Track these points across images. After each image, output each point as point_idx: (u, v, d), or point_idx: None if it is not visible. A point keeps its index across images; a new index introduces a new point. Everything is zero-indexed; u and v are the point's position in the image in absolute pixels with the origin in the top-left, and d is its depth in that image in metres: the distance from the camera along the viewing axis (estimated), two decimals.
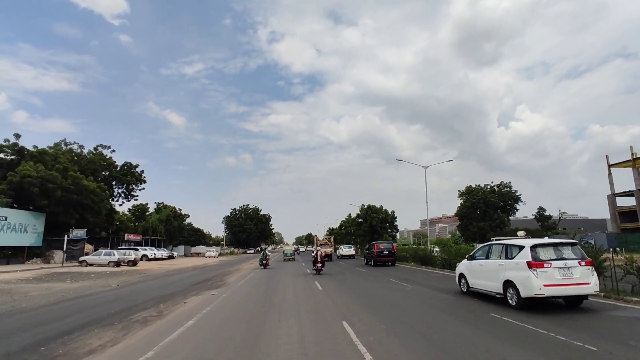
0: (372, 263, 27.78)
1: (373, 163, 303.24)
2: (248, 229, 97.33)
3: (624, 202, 55.47)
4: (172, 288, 15.49)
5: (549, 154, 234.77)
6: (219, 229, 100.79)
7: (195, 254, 70.27)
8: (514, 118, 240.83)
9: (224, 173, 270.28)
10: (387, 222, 50.63)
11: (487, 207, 69.96)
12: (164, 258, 48.37)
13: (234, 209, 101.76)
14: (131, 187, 51.62)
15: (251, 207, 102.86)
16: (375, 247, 28.12)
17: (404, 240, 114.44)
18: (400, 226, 67.93)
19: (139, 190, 53.07)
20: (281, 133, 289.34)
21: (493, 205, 69.39)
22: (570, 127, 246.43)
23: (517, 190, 71.29)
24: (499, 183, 72.46)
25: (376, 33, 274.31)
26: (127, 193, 51.76)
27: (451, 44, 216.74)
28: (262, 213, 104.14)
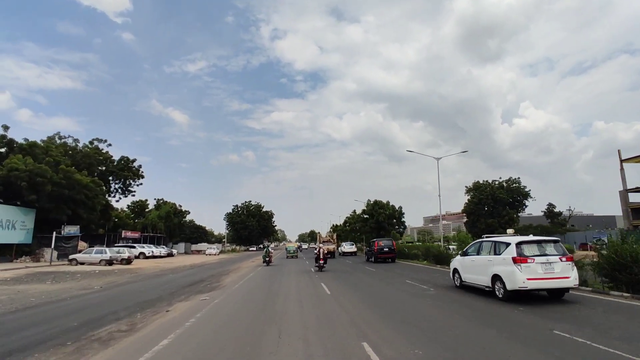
0: (373, 260, 28.36)
1: (376, 160, 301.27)
2: (250, 226, 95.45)
3: (633, 199, 53.30)
4: (160, 291, 13.67)
5: (553, 151, 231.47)
6: (222, 226, 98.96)
7: (196, 252, 68.56)
8: (518, 115, 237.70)
9: (227, 170, 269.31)
10: (394, 218, 48.55)
11: (496, 204, 67.78)
12: (163, 256, 46.61)
13: (236, 206, 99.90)
14: (128, 183, 49.81)
15: (253, 204, 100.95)
16: (375, 244, 28.85)
17: (408, 237, 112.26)
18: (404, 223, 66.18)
19: (137, 185, 51.32)
20: (284, 130, 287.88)
21: (502, 201, 67.10)
22: (574, 124, 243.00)
23: (526, 186, 68.94)
24: (508, 179, 70.14)
25: (379, 30, 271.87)
26: (125, 188, 49.99)
27: (454, 41, 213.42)
28: (265, 210, 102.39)
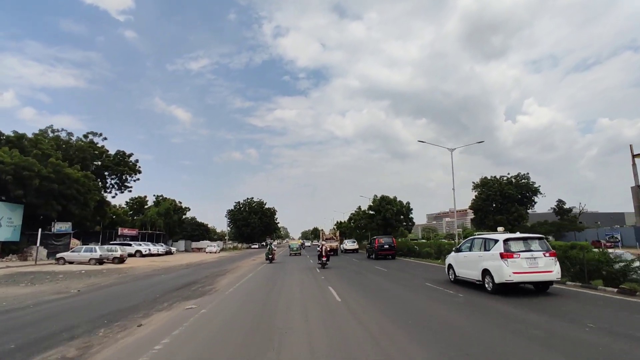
0: (374, 256, 29.01)
1: (379, 157, 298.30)
2: (252, 223, 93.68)
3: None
4: (142, 296, 11.82)
5: (557, 148, 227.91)
6: (224, 224, 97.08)
7: (196, 249, 66.87)
8: (522, 112, 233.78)
9: (230, 168, 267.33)
10: (402, 215, 46.44)
11: (504, 200, 65.65)
12: (161, 254, 44.86)
13: (238, 203, 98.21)
14: (125, 178, 48.02)
15: (255, 201, 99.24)
16: (376, 241, 29.47)
17: (412, 234, 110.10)
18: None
19: (134, 181, 49.53)
20: (287, 128, 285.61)
21: (511, 197, 64.98)
22: (578, 121, 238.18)
23: (535, 181, 66.73)
24: (516, 174, 68.08)
25: (381, 27, 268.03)
26: (121, 184, 48.19)
27: (457, 37, 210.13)
28: (267, 206, 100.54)
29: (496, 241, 10.34)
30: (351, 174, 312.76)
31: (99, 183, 44.72)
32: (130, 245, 41.16)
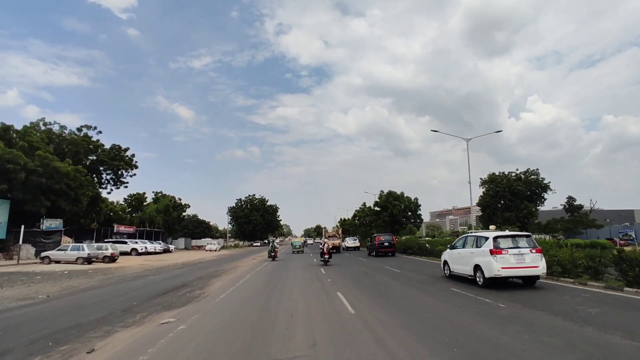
0: (374, 254, 29.22)
1: (382, 155, 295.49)
2: (254, 220, 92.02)
3: None
4: (116, 303, 9.97)
5: (561, 145, 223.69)
6: (226, 221, 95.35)
7: (196, 247, 65.24)
8: (525, 109, 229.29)
9: (233, 166, 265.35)
10: (410, 211, 44.39)
11: (513, 196, 63.51)
12: (158, 252, 43.14)
13: (239, 200, 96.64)
14: (120, 173, 46.23)
15: (257, 198, 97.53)
16: (376, 239, 29.50)
17: (418, 232, 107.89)
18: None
19: (130, 176, 47.70)
20: (289, 126, 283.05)
21: (519, 194, 62.82)
22: (583, 118, 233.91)
23: (545, 178, 64.42)
24: (525, 170, 65.83)
25: (384, 23, 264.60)
26: (117, 179, 46.41)
27: (461, 34, 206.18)
28: (269, 204, 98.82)
29: (487, 238, 11.04)
30: (354, 172, 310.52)
31: (94, 178, 43.02)
32: (125, 243, 39.53)
